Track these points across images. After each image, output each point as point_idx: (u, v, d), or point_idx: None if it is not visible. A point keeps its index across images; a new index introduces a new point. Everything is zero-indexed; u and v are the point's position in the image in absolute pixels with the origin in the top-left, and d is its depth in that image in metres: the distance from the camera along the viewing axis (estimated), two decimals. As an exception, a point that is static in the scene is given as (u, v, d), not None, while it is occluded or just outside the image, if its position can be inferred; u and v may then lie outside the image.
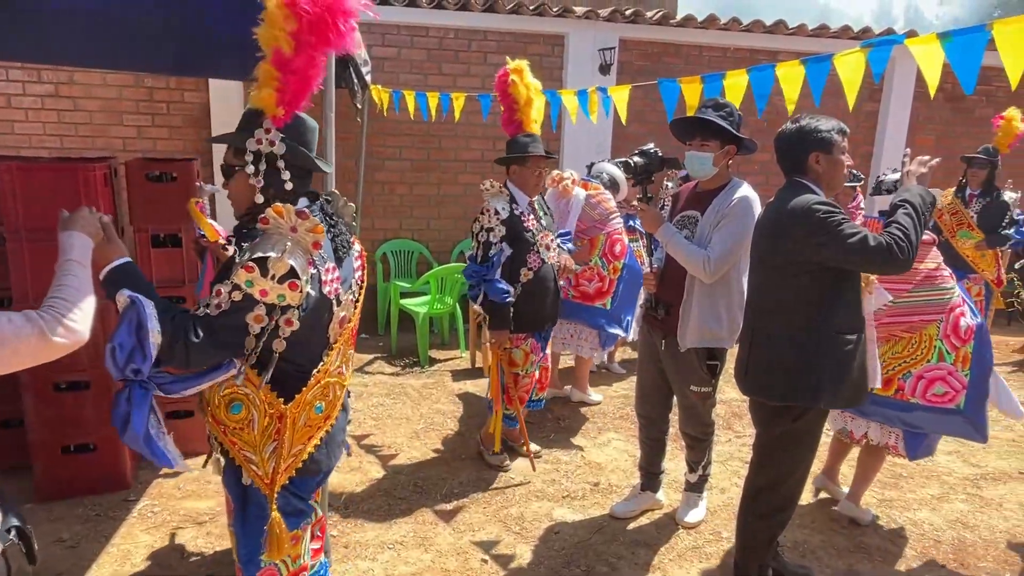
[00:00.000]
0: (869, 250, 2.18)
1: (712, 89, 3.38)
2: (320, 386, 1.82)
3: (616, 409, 4.65)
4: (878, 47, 2.49)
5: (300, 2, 1.62)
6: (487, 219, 3.40)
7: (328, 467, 1.95)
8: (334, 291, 1.79)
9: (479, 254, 3.42)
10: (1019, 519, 3.41)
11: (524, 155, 3.48)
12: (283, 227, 1.65)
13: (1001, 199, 5.32)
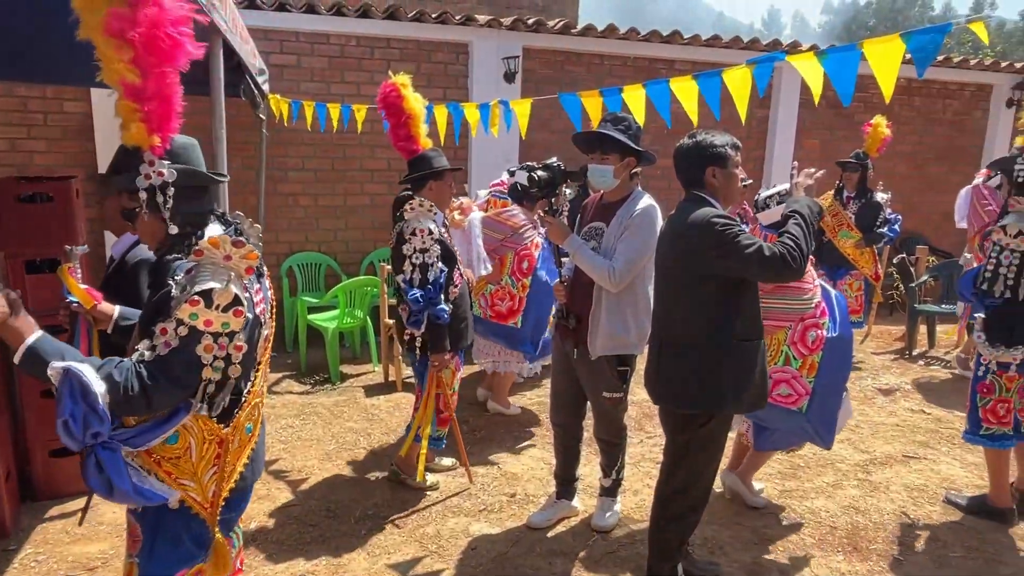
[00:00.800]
0: (765, 260, 2.28)
1: (613, 103, 3.46)
2: (251, 406, 1.84)
3: (532, 418, 4.68)
4: (762, 64, 2.63)
5: (124, 29, 1.57)
6: (420, 240, 3.26)
7: (252, 482, 1.97)
8: (262, 311, 1.83)
9: (415, 277, 3.26)
10: (904, 500, 3.67)
11: (443, 170, 3.46)
12: (218, 257, 1.65)
13: (874, 200, 5.73)
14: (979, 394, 3.35)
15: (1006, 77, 8.47)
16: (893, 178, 8.19)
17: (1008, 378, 3.26)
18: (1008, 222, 3.18)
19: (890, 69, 2.19)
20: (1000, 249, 3.19)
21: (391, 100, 3.48)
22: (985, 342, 3.29)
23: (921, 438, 4.48)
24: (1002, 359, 3.23)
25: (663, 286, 2.64)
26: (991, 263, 3.22)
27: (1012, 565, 3.10)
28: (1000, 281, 3.19)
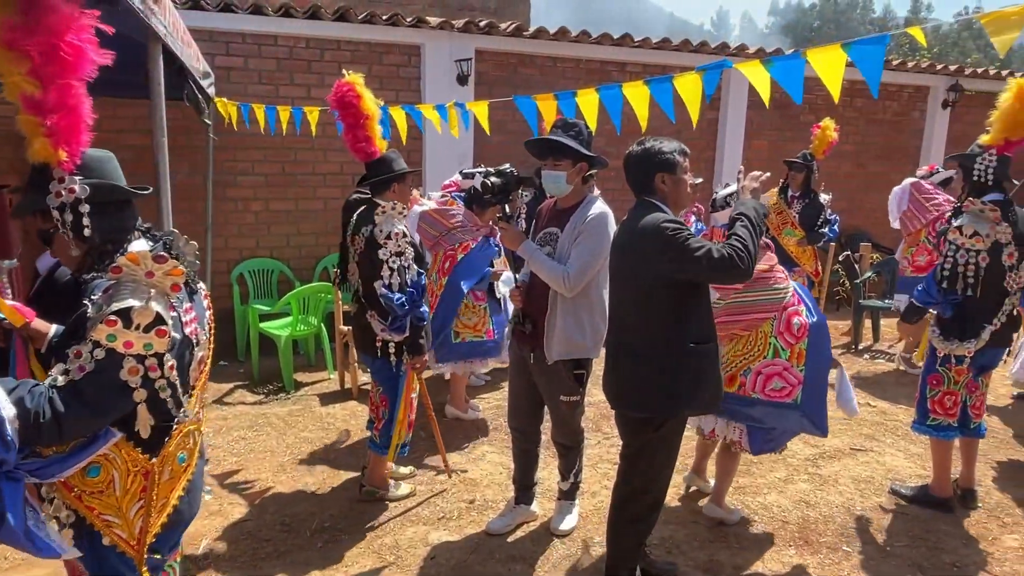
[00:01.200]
0: (714, 262, 2.32)
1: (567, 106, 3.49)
2: (183, 434, 1.75)
3: (489, 421, 4.67)
4: (710, 71, 2.68)
5: (17, 39, 1.50)
6: (396, 244, 3.21)
7: (191, 516, 1.88)
8: (194, 332, 1.74)
9: (395, 282, 3.20)
10: (852, 493, 3.78)
11: (406, 172, 3.44)
12: (138, 274, 1.58)
13: (817, 200, 5.90)
14: (929, 385, 3.47)
15: (941, 79, 8.81)
16: (837, 177, 8.46)
17: (957, 371, 3.38)
18: (963, 223, 3.28)
19: (835, 76, 2.26)
20: (956, 248, 3.29)
21: (348, 100, 3.37)
22: (940, 336, 3.40)
23: (867, 431, 4.63)
24: (956, 352, 3.35)
25: (617, 292, 2.66)
26: (948, 262, 3.31)
27: (952, 553, 3.22)
28: (960, 279, 3.29)
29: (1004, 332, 3.38)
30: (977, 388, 3.48)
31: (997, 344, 3.39)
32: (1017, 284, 3.31)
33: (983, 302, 3.27)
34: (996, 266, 3.25)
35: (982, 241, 3.21)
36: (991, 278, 3.26)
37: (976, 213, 3.25)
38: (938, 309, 3.33)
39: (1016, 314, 3.41)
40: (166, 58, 3.07)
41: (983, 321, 3.29)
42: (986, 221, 3.22)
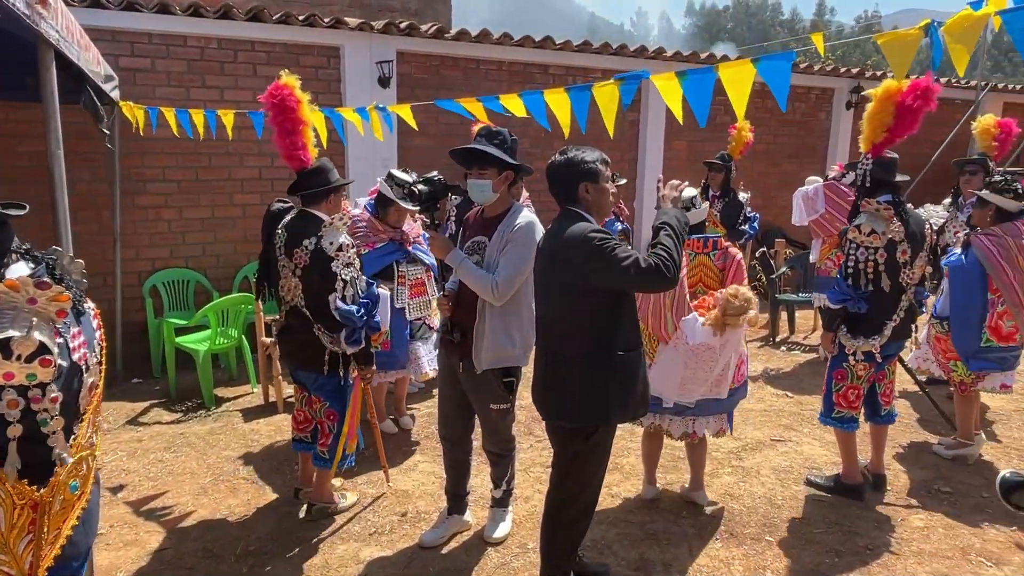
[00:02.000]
0: (641, 272, 2.35)
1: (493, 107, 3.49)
2: (74, 462, 1.64)
3: (420, 430, 4.62)
4: (628, 82, 2.72)
5: None
6: (347, 256, 3.15)
7: (87, 546, 1.78)
8: (82, 357, 1.65)
9: (347, 294, 3.13)
10: (773, 483, 3.94)
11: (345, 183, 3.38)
12: (19, 301, 1.47)
13: (737, 199, 6.12)
14: (834, 380, 3.65)
15: (845, 81, 9.30)
16: (751, 175, 8.80)
17: (861, 367, 3.56)
18: (861, 222, 3.46)
19: (742, 90, 2.34)
20: (856, 247, 3.46)
21: (288, 104, 3.21)
22: (847, 333, 3.57)
23: (785, 421, 4.84)
24: (863, 348, 3.52)
25: (544, 302, 2.67)
26: (851, 260, 3.48)
27: (865, 536, 3.40)
28: (861, 276, 3.47)
29: (904, 325, 3.59)
30: (885, 376, 3.69)
31: (899, 338, 3.60)
32: (911, 280, 3.52)
33: (883, 300, 3.46)
34: (892, 263, 3.44)
35: (879, 239, 3.40)
36: (889, 274, 3.45)
37: (872, 212, 3.43)
38: (853, 305, 3.48)
39: (913, 308, 3.62)
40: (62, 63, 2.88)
41: (884, 318, 3.48)
42: (882, 220, 3.41)
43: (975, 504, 3.72)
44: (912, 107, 3.22)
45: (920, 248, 3.52)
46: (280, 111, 3.20)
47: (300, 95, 3.23)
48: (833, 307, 3.55)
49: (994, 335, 4.00)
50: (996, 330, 3.99)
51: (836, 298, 3.53)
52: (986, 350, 4.02)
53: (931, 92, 3.18)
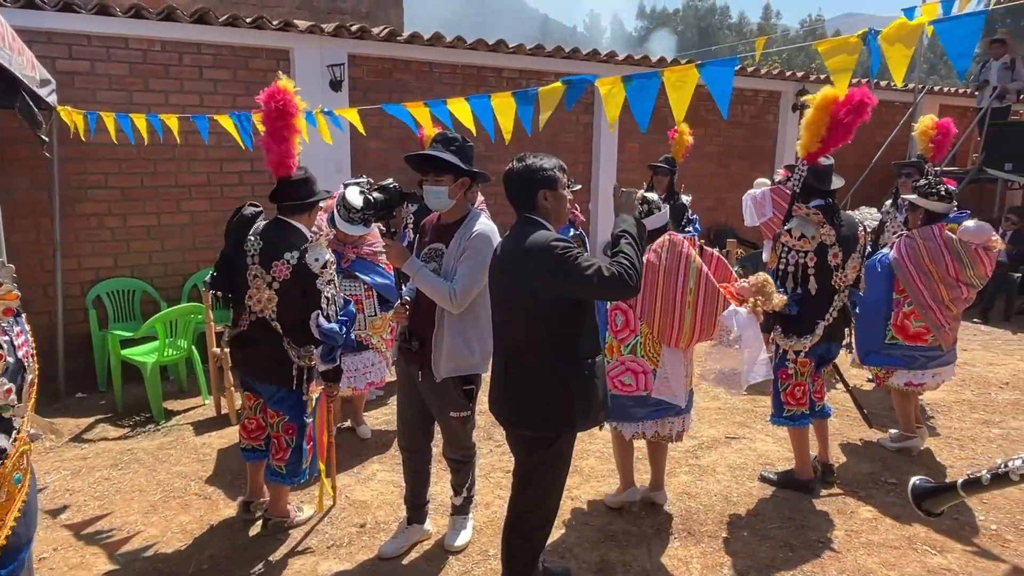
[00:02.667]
0: (605, 281, 2.36)
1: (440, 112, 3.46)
2: (18, 455, 1.74)
3: (378, 438, 4.56)
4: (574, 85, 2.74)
5: None
6: (329, 272, 3.12)
7: (29, 537, 1.85)
8: (26, 355, 1.76)
9: (331, 312, 3.11)
10: (729, 481, 4.01)
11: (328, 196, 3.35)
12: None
13: (680, 201, 6.23)
14: (780, 380, 3.74)
15: (790, 84, 9.55)
16: (703, 176, 8.97)
17: (801, 363, 3.66)
18: (792, 226, 3.57)
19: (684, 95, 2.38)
20: (788, 250, 3.57)
21: (288, 110, 3.12)
22: (781, 333, 3.67)
23: (739, 419, 4.94)
24: (795, 347, 3.63)
25: (503, 310, 2.65)
26: (783, 263, 3.59)
27: (817, 529, 3.49)
28: (791, 279, 3.57)
29: (836, 327, 3.69)
30: (818, 377, 3.80)
31: (831, 339, 3.70)
32: (843, 282, 3.63)
33: (816, 300, 3.56)
34: (823, 266, 3.54)
35: (809, 243, 3.51)
36: (820, 277, 3.55)
37: (803, 217, 3.54)
38: (785, 308, 3.56)
39: (847, 309, 3.73)
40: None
41: (816, 318, 3.59)
42: (812, 224, 3.51)
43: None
44: (844, 121, 3.32)
45: (852, 251, 3.63)
46: (279, 116, 3.11)
47: (299, 102, 3.17)
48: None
49: (900, 333, 4.15)
50: (902, 329, 4.15)
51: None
52: (891, 347, 4.18)
53: (864, 105, 3.27)
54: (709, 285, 3.15)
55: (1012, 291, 7.92)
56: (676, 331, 3.21)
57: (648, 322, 3.23)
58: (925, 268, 4.05)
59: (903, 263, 4.10)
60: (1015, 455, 1.19)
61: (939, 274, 4.03)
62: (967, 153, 10.28)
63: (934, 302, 4.07)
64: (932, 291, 4.06)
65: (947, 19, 1.95)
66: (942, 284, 4.04)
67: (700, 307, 3.16)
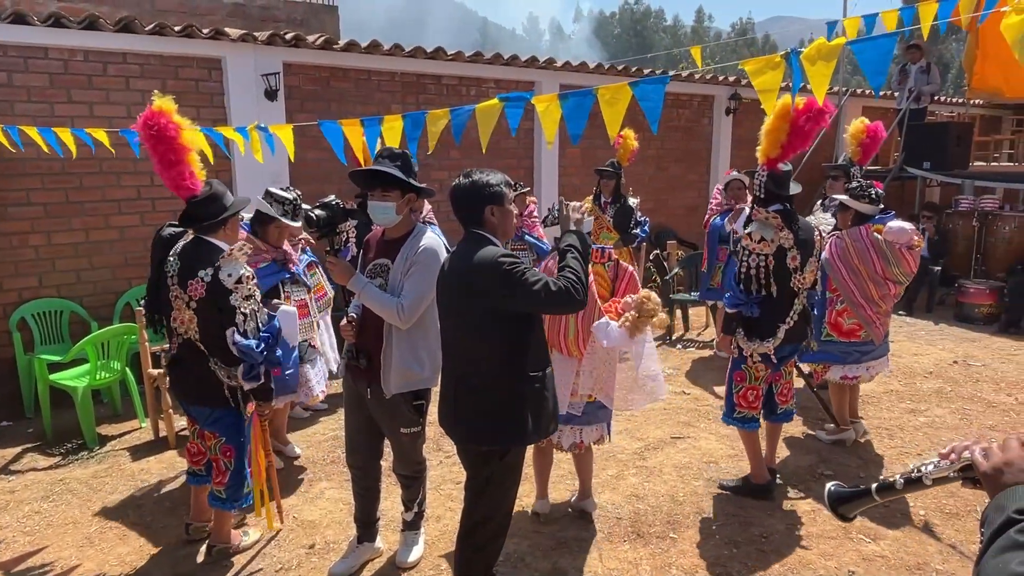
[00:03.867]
0: (552, 295, 2.39)
1: (371, 133, 3.44)
2: None
3: (325, 454, 4.49)
4: (512, 102, 2.77)
5: None
6: (245, 288, 3.00)
7: None
8: None
9: (248, 328, 2.98)
10: (675, 481, 4.10)
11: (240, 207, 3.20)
12: None
13: (627, 204, 6.36)
14: (734, 381, 3.83)
15: (723, 89, 9.83)
16: (643, 180, 9.14)
17: (757, 367, 3.75)
18: (752, 230, 3.65)
19: (617, 112, 2.44)
20: (748, 253, 3.66)
21: (167, 134, 2.97)
22: (744, 336, 3.75)
23: (684, 418, 5.06)
24: (759, 350, 3.71)
25: (452, 325, 2.65)
26: (743, 266, 3.67)
27: (760, 525, 3.61)
28: (753, 281, 3.66)
29: (798, 328, 3.80)
30: (781, 377, 3.88)
31: (794, 340, 3.79)
32: (803, 285, 3.76)
33: (776, 303, 3.67)
34: (783, 269, 3.66)
35: (768, 246, 3.61)
36: (780, 280, 3.67)
37: (762, 221, 3.64)
38: (746, 310, 3.66)
39: (806, 311, 3.86)
40: None
41: (778, 321, 3.69)
42: (771, 227, 3.62)
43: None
44: (804, 128, 3.42)
45: (810, 254, 3.73)
46: (158, 142, 2.96)
47: (179, 121, 3.00)
48: (729, 311, 3.74)
49: (834, 330, 4.35)
50: (836, 326, 4.35)
51: (731, 303, 3.71)
52: (826, 343, 4.37)
53: (823, 113, 3.36)
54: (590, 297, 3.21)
55: (933, 284, 8.36)
56: (563, 336, 3.27)
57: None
58: (855, 267, 4.24)
59: (834, 263, 4.28)
60: (927, 459, 1.26)
61: (868, 272, 4.23)
62: (889, 153, 10.79)
63: (864, 299, 4.27)
64: (862, 289, 4.26)
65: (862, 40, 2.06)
66: (871, 282, 4.25)
67: (580, 315, 3.20)
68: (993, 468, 1.11)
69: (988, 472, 1.12)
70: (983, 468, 1.13)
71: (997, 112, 13.10)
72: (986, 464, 1.13)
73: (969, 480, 1.19)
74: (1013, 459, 1.10)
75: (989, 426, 4.86)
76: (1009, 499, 1.05)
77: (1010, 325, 7.37)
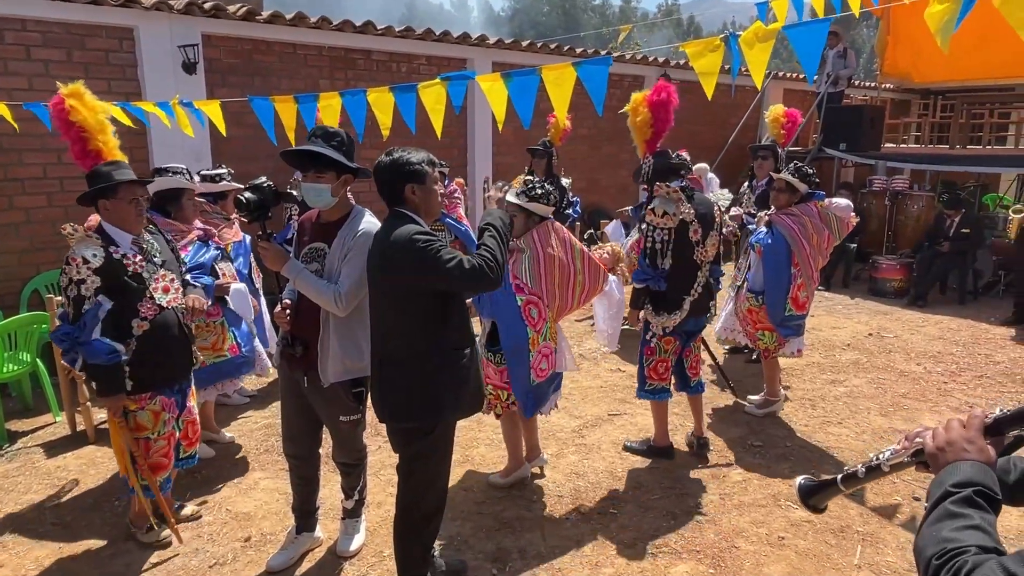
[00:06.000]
0: (465, 273, 2.38)
1: (307, 110, 3.31)
2: None
3: (259, 443, 4.35)
4: (454, 81, 2.71)
5: None
6: (75, 271, 2.85)
7: None
8: None
9: (71, 312, 2.90)
10: (613, 457, 4.19)
11: (109, 185, 2.96)
12: None
13: (560, 184, 6.39)
14: (644, 355, 3.96)
15: (653, 69, 9.96)
16: (577, 159, 9.20)
17: (665, 341, 3.88)
18: (655, 204, 3.75)
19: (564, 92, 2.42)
20: (653, 228, 3.75)
21: (59, 116, 3.08)
22: (652, 310, 3.86)
23: (620, 395, 5.16)
24: (664, 324, 3.83)
25: (376, 303, 2.63)
26: (648, 241, 3.77)
27: (694, 496, 3.73)
28: (658, 256, 3.75)
29: (701, 301, 3.94)
30: (691, 352, 4.05)
31: (698, 313, 3.94)
32: (705, 258, 3.88)
33: (680, 277, 3.78)
34: (685, 242, 3.76)
35: (671, 219, 3.72)
36: (683, 253, 3.77)
37: (664, 196, 3.75)
38: (654, 284, 3.78)
39: (710, 284, 4.00)
40: None
41: (683, 294, 3.81)
42: (673, 202, 3.73)
43: (781, 453, 4.22)
44: (660, 113, 3.70)
45: (711, 228, 3.88)
46: (62, 125, 3.05)
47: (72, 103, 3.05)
48: (637, 286, 3.85)
49: (794, 305, 4.54)
50: (795, 300, 4.54)
51: (639, 277, 3.84)
52: (788, 319, 4.56)
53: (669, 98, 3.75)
54: (591, 263, 3.46)
55: (849, 260, 8.79)
56: (568, 308, 3.55)
57: (551, 307, 3.46)
58: (812, 242, 4.43)
59: (798, 239, 4.43)
60: (885, 448, 1.34)
61: (818, 245, 4.46)
62: (808, 134, 11.22)
63: (816, 272, 4.51)
64: (815, 262, 4.50)
65: (797, 25, 2.10)
66: (820, 255, 4.49)
67: (587, 284, 3.52)
68: (937, 448, 1.19)
69: (933, 452, 1.20)
70: (929, 449, 1.20)
71: (906, 96, 13.80)
72: (931, 445, 1.20)
73: (922, 464, 1.26)
74: (954, 439, 1.17)
75: (902, 394, 5.17)
76: (948, 475, 1.13)
77: (918, 299, 7.84)
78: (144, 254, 3.07)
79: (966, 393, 5.21)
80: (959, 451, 1.15)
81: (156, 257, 3.13)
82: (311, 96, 3.20)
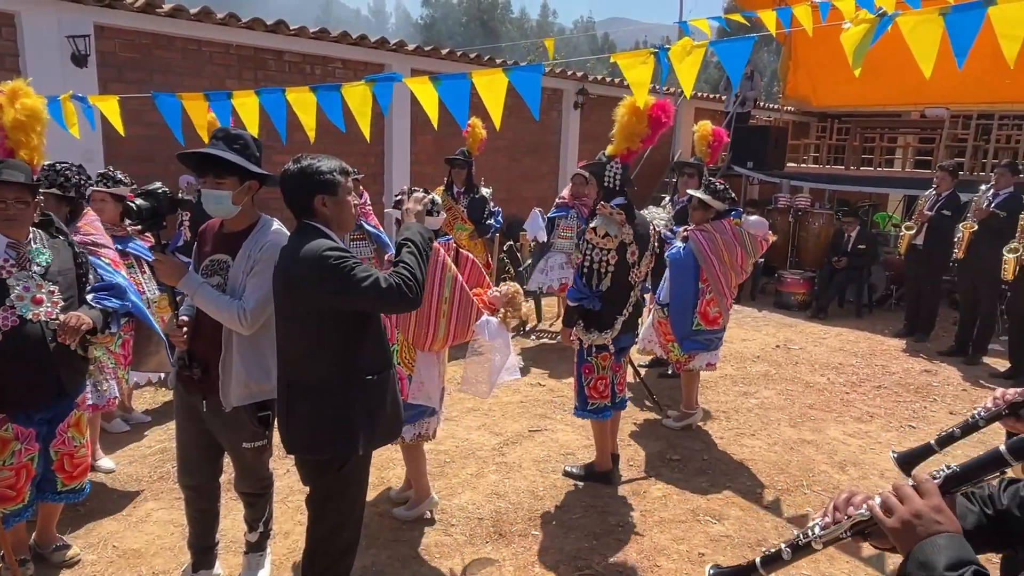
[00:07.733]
0: (382, 292, 2.20)
1: (220, 107, 3.07)
2: None
3: (152, 470, 4.00)
4: (380, 83, 2.56)
5: None
6: None
7: None
8: None
9: None
10: (535, 475, 4.10)
11: None
12: None
13: (480, 195, 6.31)
14: (583, 375, 3.88)
15: (572, 83, 10.07)
16: (496, 170, 9.15)
17: (602, 357, 3.83)
18: (596, 224, 3.69)
19: (497, 98, 2.33)
20: (592, 248, 3.70)
21: None
22: (583, 328, 3.80)
23: (541, 411, 5.09)
24: (597, 342, 3.78)
25: (283, 324, 2.41)
26: (587, 260, 3.71)
27: (616, 514, 3.69)
28: (595, 276, 3.70)
29: (632, 318, 3.94)
30: (620, 368, 4.02)
31: (628, 330, 3.94)
32: (639, 278, 3.88)
33: (615, 296, 3.76)
34: (623, 263, 3.75)
35: (612, 241, 3.68)
36: (619, 274, 3.75)
37: (607, 216, 3.70)
38: (589, 304, 3.72)
39: (640, 302, 4.01)
40: None
41: (616, 313, 3.79)
42: (615, 223, 3.69)
43: (699, 467, 4.26)
44: (662, 120, 3.55)
45: (646, 248, 3.87)
46: None
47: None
48: (572, 304, 3.78)
49: (703, 320, 4.61)
50: (704, 315, 4.61)
51: (574, 296, 3.76)
52: (696, 333, 4.62)
53: (669, 109, 3.56)
54: (464, 295, 3.14)
55: (756, 273, 9.12)
56: (431, 337, 3.16)
57: (403, 330, 3.16)
58: (723, 259, 4.49)
59: (707, 255, 4.49)
60: (811, 523, 1.24)
61: (730, 262, 4.52)
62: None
63: (727, 288, 4.57)
64: (727, 278, 4.56)
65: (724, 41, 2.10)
66: (732, 272, 4.57)
67: (455, 316, 3.13)
68: (902, 523, 1.08)
69: (897, 527, 1.08)
70: (891, 524, 1.09)
71: (805, 119, 14.58)
72: (892, 520, 1.09)
73: (859, 534, 1.16)
74: (921, 510, 1.08)
75: (808, 405, 5.36)
76: (932, 555, 1.03)
77: (819, 311, 8.23)
78: (19, 260, 2.73)
79: (866, 403, 5.46)
80: (930, 524, 1.06)
81: (37, 266, 2.78)
82: (224, 94, 2.96)
